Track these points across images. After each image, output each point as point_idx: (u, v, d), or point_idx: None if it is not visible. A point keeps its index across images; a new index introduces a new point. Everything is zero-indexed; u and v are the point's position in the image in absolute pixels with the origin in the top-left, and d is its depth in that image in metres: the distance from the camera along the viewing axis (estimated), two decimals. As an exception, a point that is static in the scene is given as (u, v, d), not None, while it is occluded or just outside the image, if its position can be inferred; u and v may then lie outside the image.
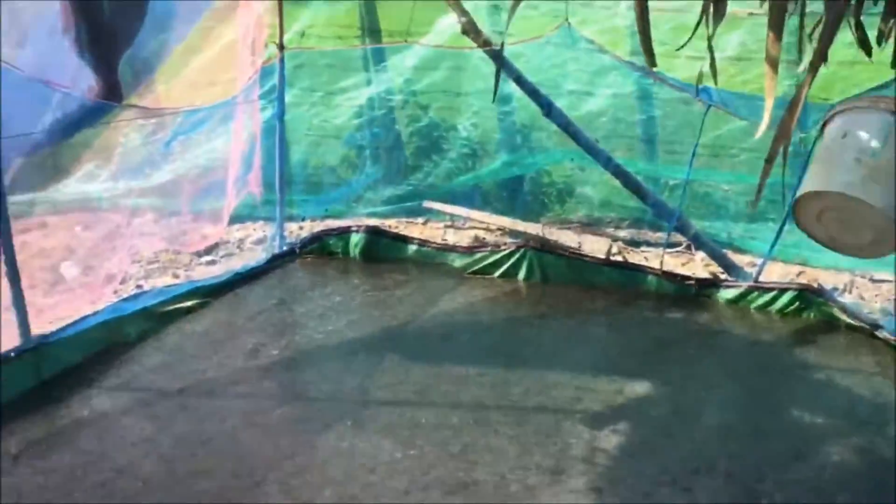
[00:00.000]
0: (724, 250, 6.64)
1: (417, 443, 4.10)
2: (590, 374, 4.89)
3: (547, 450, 4.08)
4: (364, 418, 4.33)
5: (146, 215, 6.38)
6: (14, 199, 4.36)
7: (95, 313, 5.08)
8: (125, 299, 5.47)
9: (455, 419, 4.35)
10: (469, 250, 6.80)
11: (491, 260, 6.60)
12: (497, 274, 6.56)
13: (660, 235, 7.15)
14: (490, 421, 4.34)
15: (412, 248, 6.94)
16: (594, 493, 3.75)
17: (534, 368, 4.96)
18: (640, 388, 4.76)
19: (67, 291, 5.74)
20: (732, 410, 4.59)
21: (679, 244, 7.07)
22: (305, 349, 5.16)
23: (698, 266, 6.83)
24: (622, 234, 7.49)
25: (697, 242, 6.68)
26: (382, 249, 6.95)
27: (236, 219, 7.15)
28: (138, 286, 6.10)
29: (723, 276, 6.38)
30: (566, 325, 5.73)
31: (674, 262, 6.81)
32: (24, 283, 4.47)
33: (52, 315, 5.17)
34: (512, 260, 6.54)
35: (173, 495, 3.65)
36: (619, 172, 6.53)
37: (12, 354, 4.39)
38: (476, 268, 6.62)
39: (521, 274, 6.52)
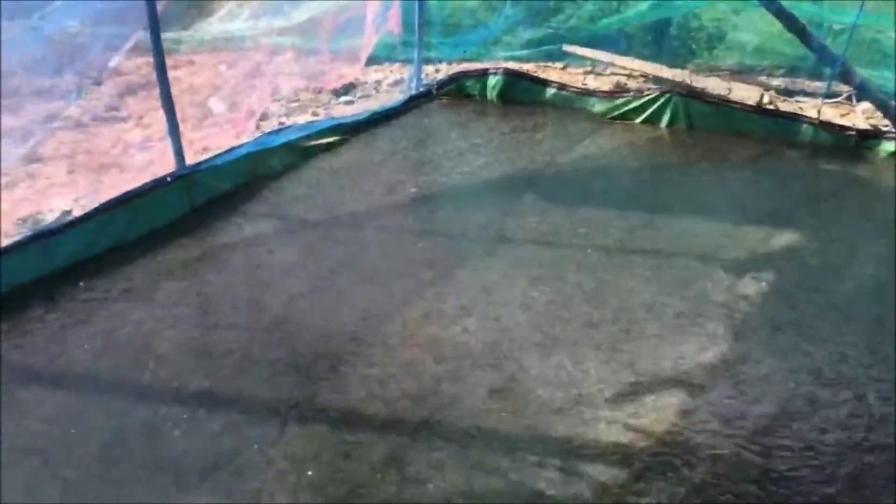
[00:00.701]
0: (892, 102, 6.12)
1: (551, 280, 4.11)
2: (734, 222, 4.71)
3: (684, 293, 4.01)
4: (500, 254, 4.35)
5: (286, 54, 6.44)
6: (164, 37, 4.46)
7: (242, 145, 5.24)
8: (269, 133, 5.61)
9: (591, 261, 4.31)
10: (610, 95, 6.56)
11: (633, 105, 6.35)
12: (639, 120, 6.33)
13: (818, 85, 6.67)
14: (627, 264, 4.28)
15: (551, 91, 6.75)
16: (729, 338, 3.68)
17: (675, 214, 4.82)
18: (787, 238, 4.55)
19: (214, 125, 5.94)
20: (885, 266, 4.33)
21: (838, 94, 6.58)
22: (443, 187, 5.18)
23: (859, 118, 6.35)
24: (776, 82, 7.03)
25: (862, 92, 6.18)
26: (520, 92, 6.80)
27: (373, 60, 7.13)
28: (280, 123, 6.23)
29: (886, 128, 5.92)
30: (711, 172, 5.50)
31: (832, 113, 6.35)
32: (177, 115, 4.64)
33: (201, 146, 5.39)
34: (655, 106, 6.27)
35: (320, 312, 3.81)
36: (781, 14, 6.03)
37: (168, 179, 4.61)
38: (617, 113, 6.39)
39: (665, 120, 6.26)
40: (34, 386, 3.33)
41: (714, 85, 6.68)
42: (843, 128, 5.90)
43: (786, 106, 6.49)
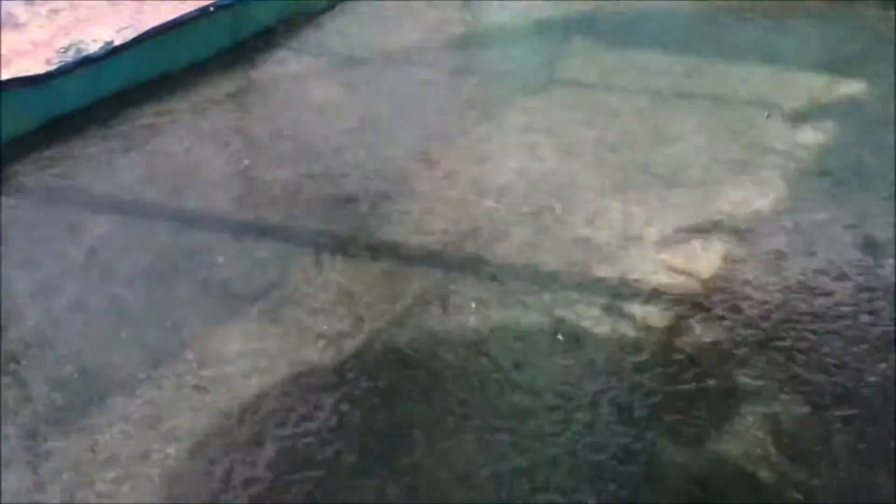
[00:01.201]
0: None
1: (600, 124, 3.99)
2: (795, 68, 4.49)
3: (739, 140, 3.88)
4: (548, 96, 4.23)
5: None
6: None
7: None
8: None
9: (642, 105, 4.17)
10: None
11: (695, -55, 5.97)
12: (700, -39, 5.96)
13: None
14: (680, 109, 4.13)
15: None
16: (783, 187, 3.57)
17: (733, 60, 4.60)
18: (851, 88, 4.33)
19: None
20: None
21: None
22: (490, 27, 4.99)
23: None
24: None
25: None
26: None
27: None
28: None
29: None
30: (774, 18, 5.21)
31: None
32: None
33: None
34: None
35: (364, 148, 3.77)
36: None
37: (211, 9, 4.48)
38: (677, -47, 6.03)
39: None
40: (82, 210, 3.38)
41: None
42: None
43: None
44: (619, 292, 3.01)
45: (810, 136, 3.92)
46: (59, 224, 3.30)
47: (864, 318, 2.91)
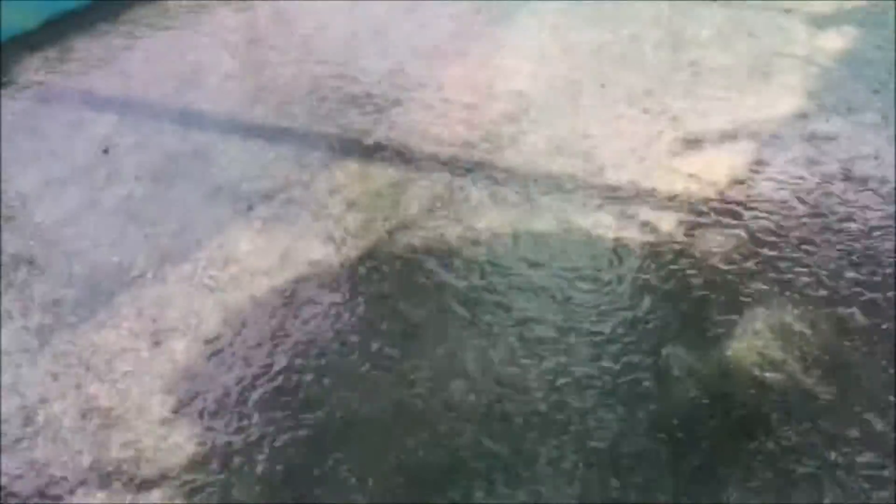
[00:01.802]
0: None
1: (617, 29, 3.88)
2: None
3: (760, 45, 3.77)
4: (561, 1, 4.11)
5: None
6: None
7: None
8: None
9: (661, 9, 4.04)
10: None
11: None
12: None
13: None
14: (699, 13, 4.02)
15: None
16: (803, 93, 3.48)
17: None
18: (876, -8, 4.20)
19: None
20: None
21: None
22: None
23: None
24: None
25: None
26: None
27: None
28: None
29: None
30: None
31: None
32: None
33: None
34: None
35: (373, 52, 3.68)
36: None
37: None
38: None
39: None
40: (87, 109, 3.32)
41: None
42: None
43: None
44: (635, 199, 2.97)
45: (833, 41, 3.80)
46: (63, 123, 3.25)
47: (880, 228, 2.86)
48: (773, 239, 2.80)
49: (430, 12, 4.01)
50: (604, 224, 2.86)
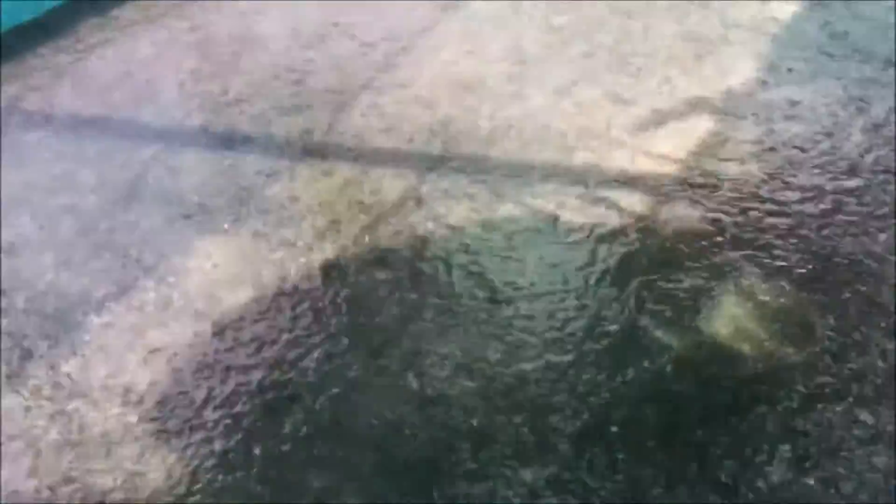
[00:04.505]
0: None
1: (569, 9, 3.88)
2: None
3: (709, 18, 3.77)
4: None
5: None
6: None
7: None
8: None
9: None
10: None
11: None
12: None
13: None
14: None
15: None
16: (756, 64, 3.50)
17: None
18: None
19: None
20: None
21: None
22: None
23: None
24: None
25: None
26: None
27: None
28: None
29: None
30: None
31: None
32: None
33: None
34: None
35: (326, 49, 3.64)
36: None
37: None
38: None
39: None
40: (38, 127, 3.26)
41: None
42: None
43: None
44: (597, 180, 2.97)
45: (782, 8, 3.82)
46: (14, 143, 3.18)
47: (848, 194, 2.89)
48: (738, 212, 2.82)
49: (384, 4, 3.98)
50: (570, 206, 2.85)
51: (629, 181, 2.95)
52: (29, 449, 2.19)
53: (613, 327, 2.44)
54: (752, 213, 2.81)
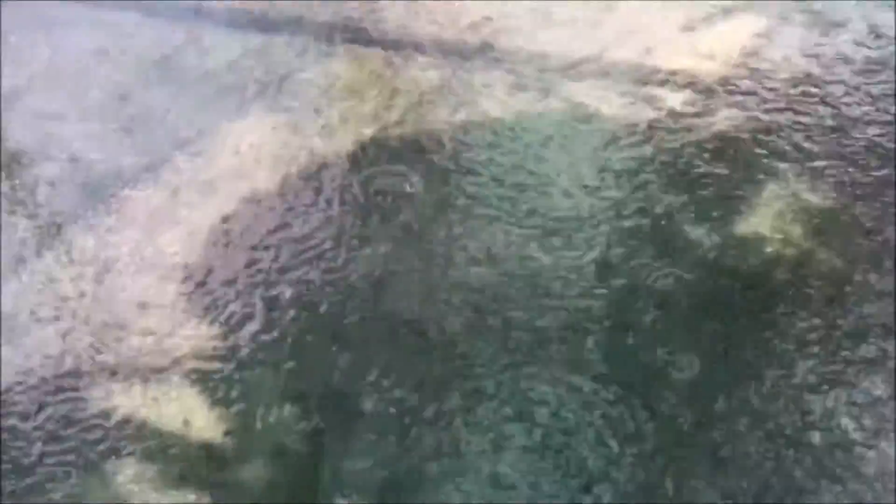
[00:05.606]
0: None
1: None
2: None
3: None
4: None
5: None
6: None
7: None
8: None
9: None
10: None
11: None
12: None
13: None
14: None
15: None
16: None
17: None
18: None
19: None
20: None
21: None
22: None
23: None
24: None
25: None
26: None
27: None
28: None
29: None
30: None
31: None
32: None
33: None
34: None
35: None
36: None
37: None
38: None
39: None
40: (78, 6, 3.19)
41: None
42: None
43: None
44: (641, 77, 2.87)
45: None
46: (48, 17, 3.13)
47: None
48: (784, 116, 2.73)
49: None
50: (612, 103, 2.78)
51: (674, 79, 2.86)
52: (62, 313, 2.21)
53: (645, 221, 2.40)
54: (797, 116, 2.72)
